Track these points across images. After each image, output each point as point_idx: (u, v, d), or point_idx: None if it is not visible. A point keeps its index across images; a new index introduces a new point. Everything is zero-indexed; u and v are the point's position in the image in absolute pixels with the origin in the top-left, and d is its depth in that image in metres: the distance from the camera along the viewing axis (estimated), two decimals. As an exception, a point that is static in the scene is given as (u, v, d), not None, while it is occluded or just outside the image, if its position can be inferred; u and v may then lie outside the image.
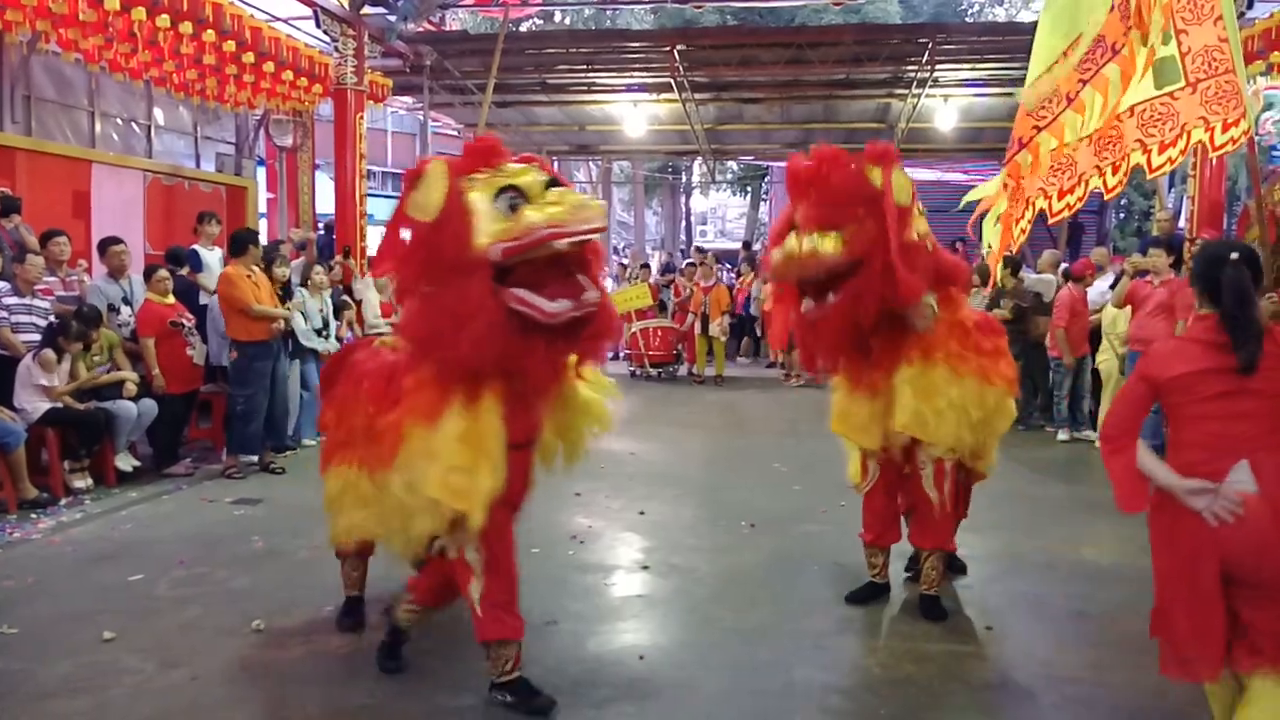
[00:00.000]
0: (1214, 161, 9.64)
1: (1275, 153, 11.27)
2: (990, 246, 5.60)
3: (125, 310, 7.47)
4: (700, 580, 5.01)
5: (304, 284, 8.42)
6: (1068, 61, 4.92)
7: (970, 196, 5.57)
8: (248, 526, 5.90)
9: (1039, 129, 5.12)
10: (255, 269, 7.30)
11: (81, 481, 6.67)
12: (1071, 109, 5.04)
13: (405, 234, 3.22)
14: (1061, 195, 5.11)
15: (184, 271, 8.24)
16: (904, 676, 3.84)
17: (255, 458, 7.45)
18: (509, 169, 3.22)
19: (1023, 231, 5.32)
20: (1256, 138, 6.00)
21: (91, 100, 10.06)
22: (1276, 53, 8.87)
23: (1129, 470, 2.88)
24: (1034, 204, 5.16)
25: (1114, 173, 5.05)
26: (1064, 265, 10.43)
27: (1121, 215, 20.34)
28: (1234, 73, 4.68)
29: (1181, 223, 10.60)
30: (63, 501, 6.37)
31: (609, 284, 18.23)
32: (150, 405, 7.09)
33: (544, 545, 5.44)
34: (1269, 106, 11.25)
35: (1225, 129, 4.73)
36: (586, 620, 4.39)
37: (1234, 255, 2.88)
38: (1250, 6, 9.37)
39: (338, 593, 4.61)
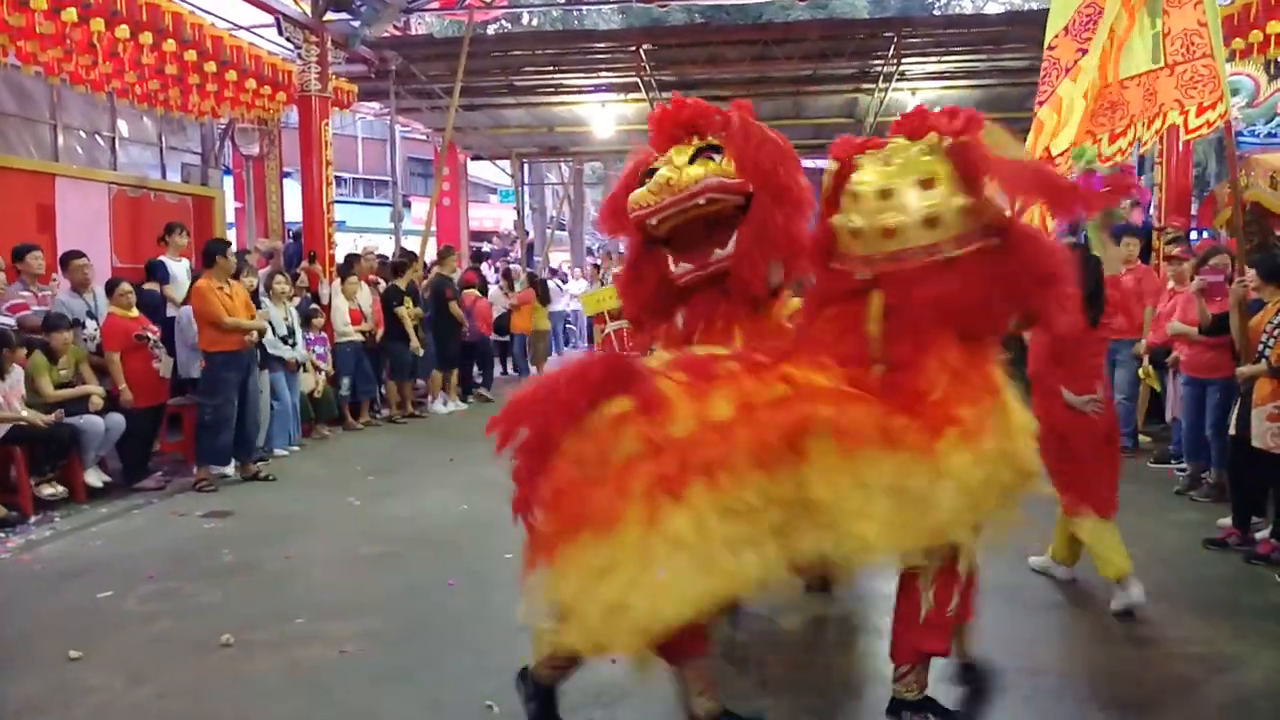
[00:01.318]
0: (1181, 149, 9.71)
1: (1241, 138, 11.35)
2: None
3: (90, 324, 7.38)
4: (675, 580, 5.00)
5: (267, 292, 8.37)
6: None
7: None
8: (218, 540, 5.84)
9: (1040, 103, 5.21)
10: (230, 280, 7.26)
11: (50, 490, 6.57)
12: (1048, 106, 5.14)
13: None
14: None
15: (153, 285, 8.15)
16: (877, 671, 3.82)
17: (228, 470, 7.39)
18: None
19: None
20: (1232, 120, 6.09)
21: (54, 113, 9.92)
22: (1239, 39, 8.93)
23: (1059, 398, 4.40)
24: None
25: (1111, 141, 5.13)
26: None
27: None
28: (1212, 57, 4.74)
29: (1150, 210, 10.66)
30: (32, 519, 6.28)
31: (581, 285, 18.11)
32: (118, 420, 7.00)
33: (517, 550, 5.39)
34: (1235, 92, 11.34)
35: (1200, 113, 4.80)
36: (560, 624, 4.36)
37: (1093, 253, 4.55)
38: (1213, -7, 9.43)
39: (308, 605, 4.59)
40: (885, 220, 2.84)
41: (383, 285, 10.58)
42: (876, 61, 13.48)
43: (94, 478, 6.94)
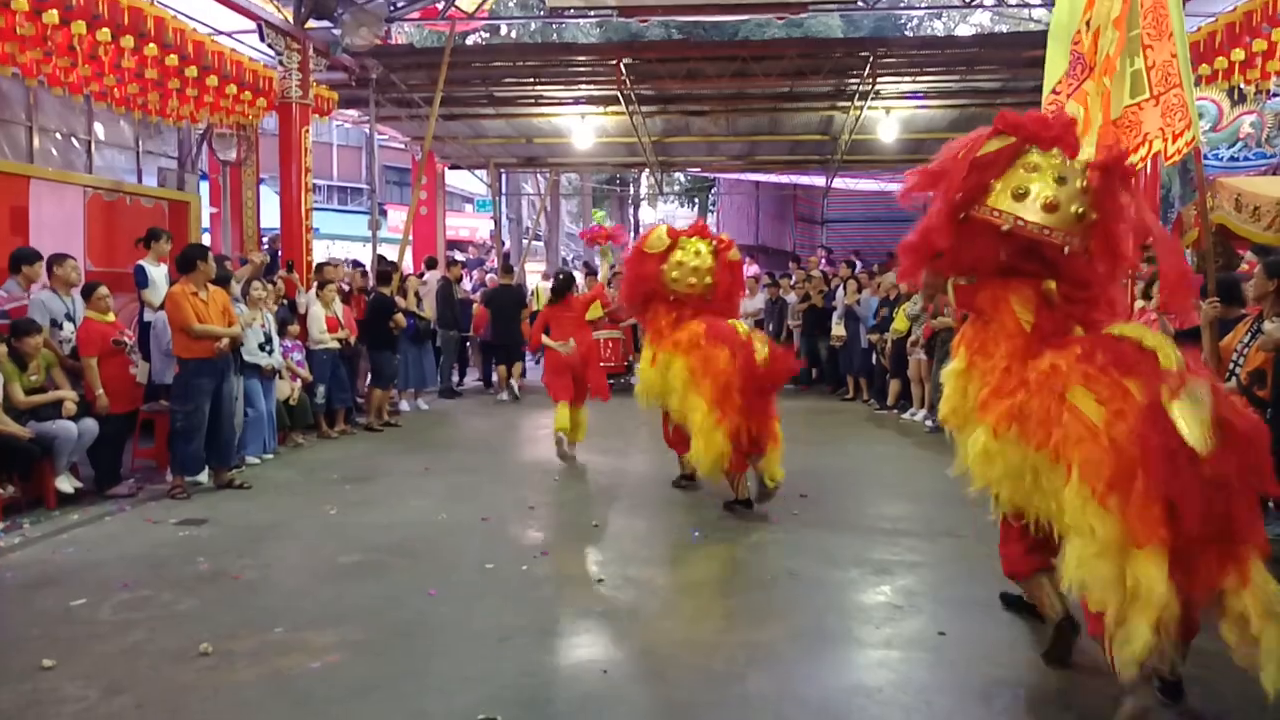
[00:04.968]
0: (1148, 170, 9.89)
1: (1206, 161, 11.62)
2: None
3: (68, 326, 7.31)
4: (654, 592, 5.02)
5: (244, 298, 8.32)
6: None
7: None
8: (193, 547, 5.78)
9: None
10: (208, 286, 7.21)
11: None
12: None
13: None
14: None
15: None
16: (856, 683, 3.88)
17: (201, 477, 7.32)
18: None
19: None
20: (1200, 145, 6.25)
21: (29, 115, 9.84)
22: (1205, 65, 9.14)
23: None
24: None
25: None
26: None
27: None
28: (1181, 87, 4.92)
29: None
30: (0, 526, 6.19)
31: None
32: (91, 425, 6.92)
33: (497, 560, 5.42)
34: (1200, 116, 11.61)
35: (1175, 139, 4.97)
36: (540, 635, 4.37)
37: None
38: (1179, 21, 9.64)
39: (287, 614, 4.56)
40: (1056, 199, 3.59)
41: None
42: (852, 80, 13.65)
43: (65, 484, 6.85)
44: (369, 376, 10.71)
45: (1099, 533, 3.22)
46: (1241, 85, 9.58)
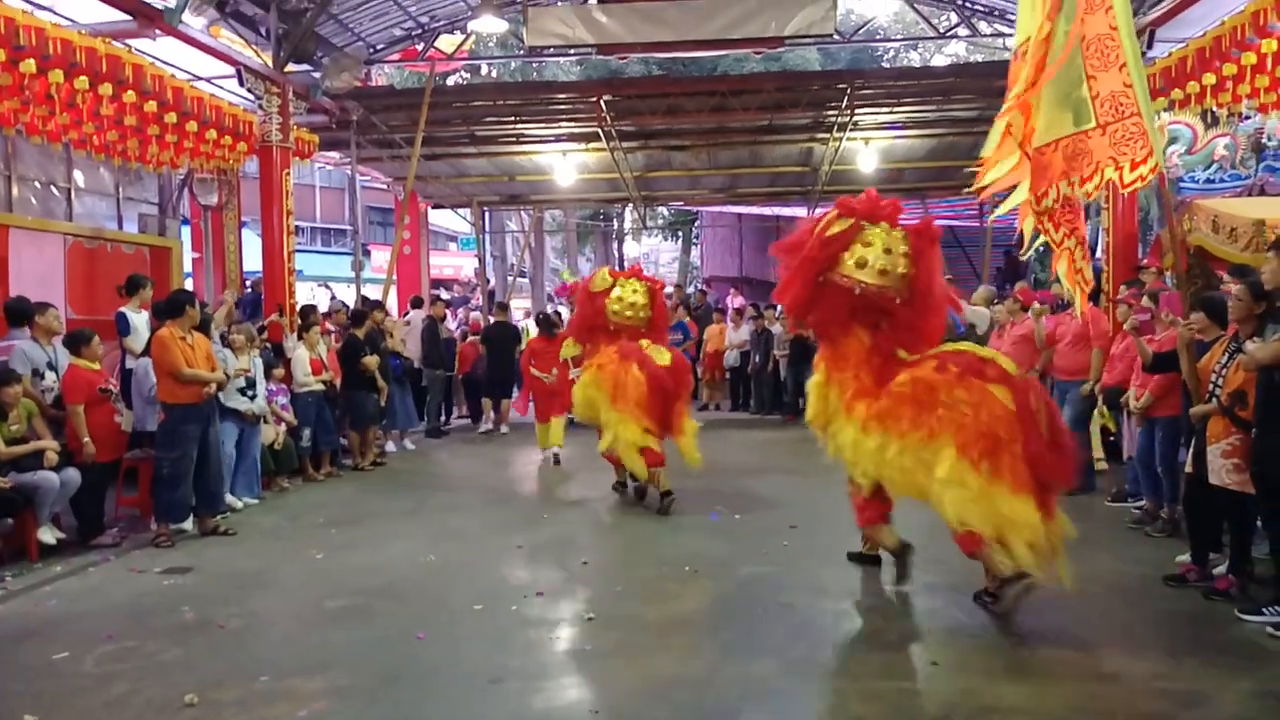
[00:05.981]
0: (1125, 195, 10.00)
1: (1182, 184, 11.73)
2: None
3: (50, 375, 7.25)
4: (645, 629, 4.98)
5: (224, 342, 8.27)
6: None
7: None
8: (178, 597, 5.71)
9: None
10: (193, 332, 7.17)
11: None
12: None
13: None
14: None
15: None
16: (851, 716, 3.84)
17: (186, 525, 7.23)
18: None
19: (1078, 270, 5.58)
20: (1165, 171, 6.28)
21: (8, 163, 9.83)
22: (1178, 89, 9.26)
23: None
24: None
25: (1039, 201, 5.32)
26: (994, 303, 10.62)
27: (1041, 248, 20.90)
28: (1140, 115, 4.95)
29: (1098, 254, 10.95)
30: (-19, 579, 6.10)
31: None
32: (73, 475, 6.83)
33: (486, 601, 5.37)
34: (1173, 140, 11.75)
35: (1134, 167, 5.01)
36: (531, 677, 4.32)
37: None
38: (1150, 46, 9.78)
39: (273, 662, 4.51)
40: (886, 266, 4.98)
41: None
42: (830, 112, 13.79)
43: (47, 535, 6.75)
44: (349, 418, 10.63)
45: (972, 486, 4.45)
46: (1214, 109, 9.70)
